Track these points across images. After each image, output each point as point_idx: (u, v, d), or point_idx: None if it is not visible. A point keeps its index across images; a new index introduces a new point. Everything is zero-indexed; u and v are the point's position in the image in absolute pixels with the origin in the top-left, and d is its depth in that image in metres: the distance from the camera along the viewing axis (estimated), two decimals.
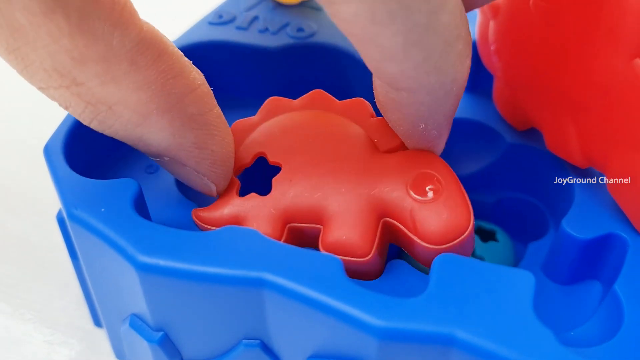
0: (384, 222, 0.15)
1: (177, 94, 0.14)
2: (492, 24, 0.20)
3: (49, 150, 0.17)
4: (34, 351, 0.21)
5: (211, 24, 0.23)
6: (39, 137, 0.20)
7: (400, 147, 0.16)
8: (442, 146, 0.16)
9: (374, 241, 0.15)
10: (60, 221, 0.18)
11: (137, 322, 0.17)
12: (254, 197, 0.16)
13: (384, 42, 0.12)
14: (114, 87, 0.13)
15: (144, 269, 0.14)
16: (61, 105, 0.14)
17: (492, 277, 0.14)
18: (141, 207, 0.16)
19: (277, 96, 0.17)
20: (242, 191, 0.17)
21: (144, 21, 0.14)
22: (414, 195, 0.15)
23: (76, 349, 0.21)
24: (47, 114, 0.22)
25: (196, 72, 0.15)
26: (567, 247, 0.17)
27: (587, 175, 0.19)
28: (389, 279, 0.16)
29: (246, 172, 0.17)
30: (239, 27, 0.23)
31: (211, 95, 0.15)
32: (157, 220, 0.17)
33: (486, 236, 0.20)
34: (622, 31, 0.16)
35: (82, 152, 0.18)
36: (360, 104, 0.17)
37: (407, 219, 0.15)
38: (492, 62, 0.21)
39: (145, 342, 0.16)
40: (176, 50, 0.15)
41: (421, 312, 0.13)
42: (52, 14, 0.12)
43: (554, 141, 0.19)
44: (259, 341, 0.15)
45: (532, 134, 0.21)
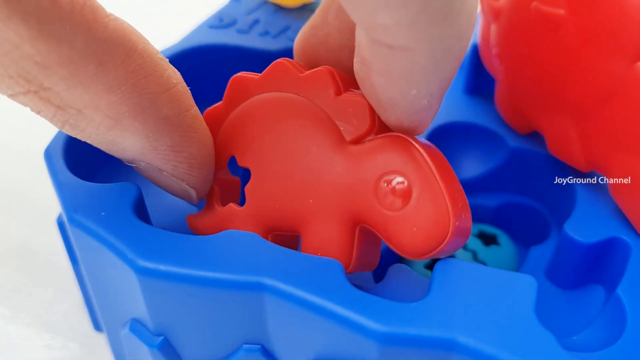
0: (361, 228, 0.14)
1: (150, 94, 0.14)
2: (493, 27, 0.20)
3: (49, 154, 0.17)
4: (34, 355, 0.21)
5: (212, 27, 0.23)
6: (40, 141, 0.19)
7: (368, 133, 0.14)
8: (429, 121, 0.14)
9: (352, 252, 0.14)
10: (60, 225, 0.18)
11: (137, 327, 0.16)
12: (232, 207, 0.16)
13: None
14: (82, 90, 0.13)
15: (144, 273, 0.14)
16: (33, 110, 0.13)
17: (494, 282, 0.14)
18: (141, 212, 0.16)
19: (240, 73, 0.16)
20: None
21: (112, 16, 0.13)
22: (380, 207, 0.14)
23: (76, 354, 0.21)
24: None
25: (172, 71, 0.14)
26: (570, 251, 0.17)
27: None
28: (390, 284, 0.16)
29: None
30: (239, 31, 0.23)
31: (188, 95, 0.15)
32: (158, 224, 0.17)
33: (488, 240, 0.20)
34: (623, 35, 0.16)
35: (83, 156, 0.18)
36: (323, 79, 0.15)
37: (381, 229, 0.14)
38: (494, 65, 0.20)
39: (145, 347, 0.16)
40: (149, 47, 0.14)
41: (422, 317, 0.13)
42: (9, 20, 0.11)
43: (556, 145, 0.19)
44: (259, 346, 0.15)
45: (535, 137, 0.20)
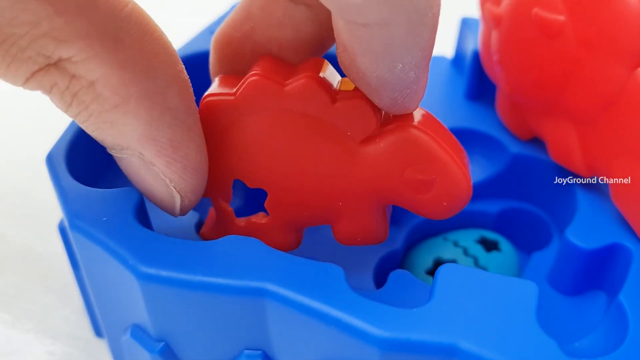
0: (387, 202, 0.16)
1: (161, 80, 0.14)
2: (494, 34, 0.20)
3: (51, 159, 0.17)
4: None
5: (213, 33, 0.23)
6: (42, 146, 0.20)
7: (375, 130, 0.15)
8: (420, 95, 0.14)
9: (387, 227, 0.16)
10: (61, 230, 0.18)
11: (138, 333, 0.16)
12: (255, 222, 0.16)
13: None
14: (97, 62, 0.13)
15: (145, 279, 0.14)
16: (45, 88, 0.13)
17: (495, 288, 0.14)
18: (143, 217, 0.16)
19: (208, 97, 0.15)
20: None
21: (132, 1, 0.13)
22: (410, 193, 0.15)
23: (77, 359, 0.21)
24: (49, 124, 0.22)
25: (183, 67, 0.14)
26: (571, 257, 0.17)
27: (590, 184, 0.19)
28: (391, 289, 0.15)
29: None
30: None
31: (194, 101, 0.15)
32: (159, 229, 0.17)
33: (490, 246, 0.20)
34: (623, 41, 0.16)
35: (85, 162, 0.18)
36: (312, 90, 0.14)
37: (412, 207, 0.15)
38: (495, 71, 0.21)
39: (146, 353, 0.16)
40: (165, 37, 0.14)
41: (424, 323, 0.13)
42: (27, 2, 0.12)
43: (557, 150, 0.19)
44: (260, 352, 0.15)
45: (536, 143, 0.21)
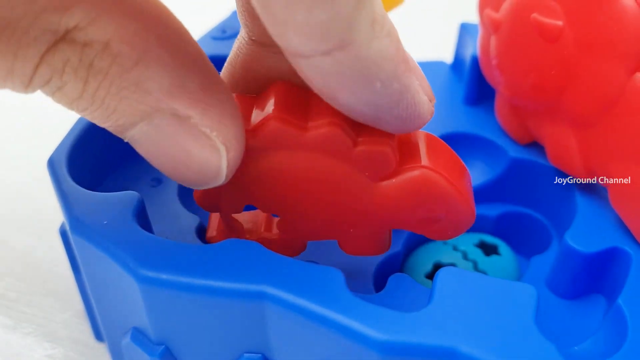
0: None
1: (174, 26, 0.13)
2: (493, 39, 0.20)
3: (52, 163, 0.17)
4: None
5: (215, 38, 0.23)
6: (43, 150, 0.20)
7: (394, 171, 0.15)
8: (422, 98, 0.14)
9: (388, 245, 0.16)
10: (62, 234, 0.18)
11: (138, 336, 0.16)
12: (266, 237, 0.16)
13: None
14: (107, 19, 0.12)
15: (145, 282, 0.14)
16: (57, 68, 0.12)
17: (494, 291, 0.14)
18: (143, 220, 0.16)
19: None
20: None
21: None
22: (419, 226, 0.16)
23: None
24: (50, 127, 0.22)
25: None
26: (571, 261, 0.17)
27: (589, 187, 0.19)
28: (390, 293, 0.16)
29: None
30: None
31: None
32: (160, 233, 0.17)
33: (489, 250, 0.20)
34: (622, 45, 0.16)
35: (86, 165, 0.18)
36: (336, 136, 0.14)
37: (419, 232, 0.16)
38: (494, 76, 0.21)
39: (146, 356, 0.16)
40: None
41: (423, 326, 0.13)
42: None
43: (556, 154, 0.19)
44: (260, 355, 0.15)
45: (535, 147, 0.21)
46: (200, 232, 0.18)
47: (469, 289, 0.14)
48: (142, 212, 0.16)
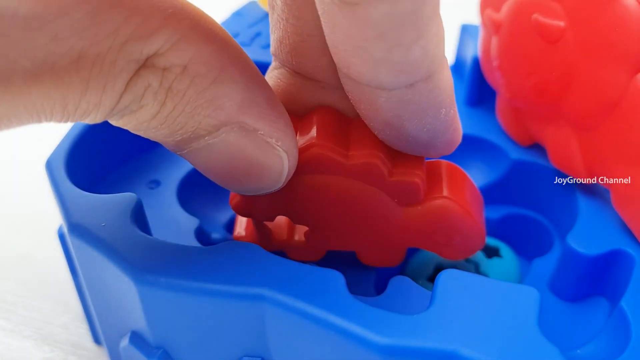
0: None
1: (234, 43, 0.14)
2: (494, 40, 0.20)
3: (50, 165, 0.17)
4: None
5: None
6: (41, 152, 0.20)
7: (422, 200, 0.16)
8: (458, 126, 0.15)
9: (402, 258, 0.17)
10: (61, 237, 0.18)
11: (137, 339, 0.16)
12: (292, 243, 0.17)
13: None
14: (185, 44, 0.13)
15: (143, 284, 0.14)
16: (138, 94, 0.12)
17: (496, 294, 0.14)
18: (142, 222, 0.16)
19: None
20: None
21: None
22: (435, 246, 0.17)
23: None
24: (48, 129, 0.22)
25: None
26: (573, 263, 0.17)
27: (591, 189, 0.19)
28: (391, 295, 0.15)
29: None
30: (241, 44, 0.23)
31: None
32: (158, 235, 0.17)
33: (491, 252, 0.20)
34: (623, 46, 0.16)
35: (84, 167, 0.18)
36: (374, 166, 0.15)
37: (434, 250, 0.17)
38: (495, 78, 0.21)
39: (145, 359, 0.16)
40: None
41: (424, 329, 0.13)
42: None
43: (557, 156, 0.19)
44: (259, 358, 0.15)
45: (536, 149, 0.20)
46: (199, 234, 0.18)
47: (470, 292, 0.14)
48: (141, 214, 0.16)
